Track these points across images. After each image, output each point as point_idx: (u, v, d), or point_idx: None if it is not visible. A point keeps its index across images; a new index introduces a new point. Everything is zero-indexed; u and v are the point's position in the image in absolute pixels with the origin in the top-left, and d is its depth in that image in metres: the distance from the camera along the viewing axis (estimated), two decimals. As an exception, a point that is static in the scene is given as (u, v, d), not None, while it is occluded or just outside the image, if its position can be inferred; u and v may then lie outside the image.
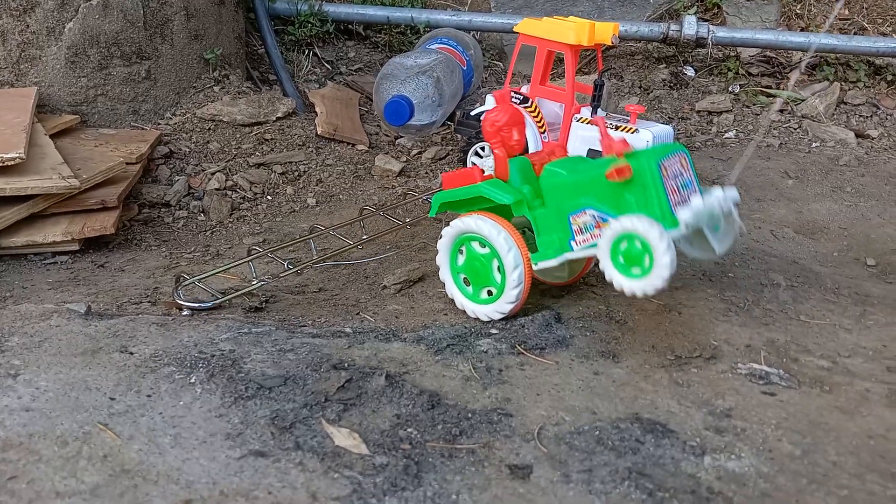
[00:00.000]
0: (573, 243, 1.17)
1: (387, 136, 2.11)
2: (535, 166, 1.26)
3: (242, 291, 1.30)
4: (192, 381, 1.01)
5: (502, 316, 1.22)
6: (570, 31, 1.71)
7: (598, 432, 0.95)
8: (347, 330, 1.20)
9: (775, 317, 1.28)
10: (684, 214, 1.06)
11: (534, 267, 1.20)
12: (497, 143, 1.23)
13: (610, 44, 1.78)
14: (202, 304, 1.24)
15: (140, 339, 1.11)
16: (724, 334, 1.21)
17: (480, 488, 0.84)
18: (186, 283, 1.28)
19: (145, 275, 1.44)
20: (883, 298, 1.39)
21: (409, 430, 0.93)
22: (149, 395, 0.97)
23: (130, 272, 1.46)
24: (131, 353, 1.07)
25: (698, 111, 2.33)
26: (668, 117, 2.32)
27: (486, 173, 1.26)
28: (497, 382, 1.05)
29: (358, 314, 1.28)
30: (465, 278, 1.25)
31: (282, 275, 1.37)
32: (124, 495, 0.80)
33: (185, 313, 1.23)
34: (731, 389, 1.06)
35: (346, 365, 1.07)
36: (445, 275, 1.27)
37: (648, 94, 2.40)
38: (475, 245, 1.23)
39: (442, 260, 1.27)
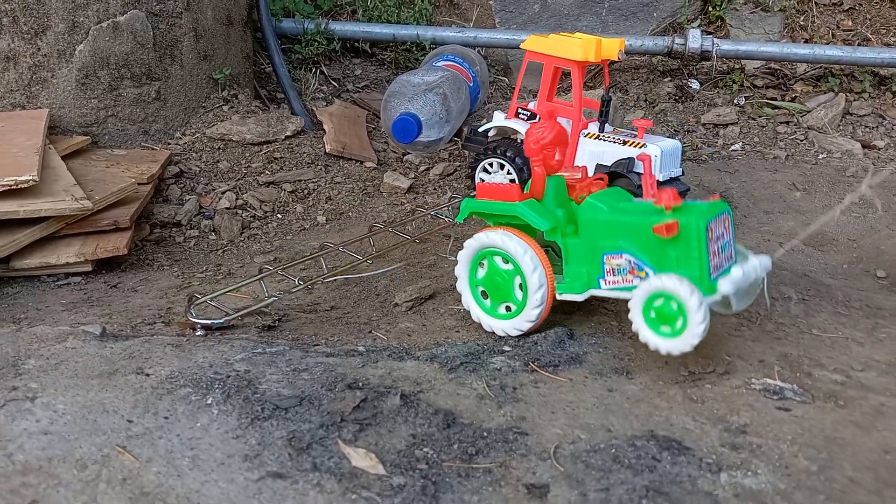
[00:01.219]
0: (602, 282, 1.17)
1: (395, 152, 2.12)
2: (571, 190, 1.26)
3: (253, 308, 1.30)
4: (209, 402, 1.01)
5: (519, 333, 1.22)
6: (576, 47, 1.72)
7: (614, 450, 0.95)
8: (360, 349, 1.21)
9: (787, 331, 1.28)
10: (725, 287, 1.07)
11: (557, 296, 1.19)
12: (538, 161, 1.23)
13: (616, 59, 1.80)
14: (214, 322, 1.25)
15: (156, 361, 1.12)
16: (736, 349, 1.21)
17: (498, 509, 0.84)
18: (199, 302, 1.29)
19: (158, 295, 1.45)
20: (894, 310, 1.39)
21: (425, 449, 0.93)
22: (166, 417, 0.98)
23: (143, 292, 1.47)
24: (147, 375, 1.07)
25: (704, 124, 2.34)
26: (674, 130, 2.33)
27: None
28: (511, 401, 1.06)
29: (370, 332, 1.29)
30: (483, 291, 1.25)
31: (293, 290, 1.38)
32: (144, 519, 0.80)
33: (198, 332, 1.24)
34: (745, 405, 1.06)
35: (360, 384, 1.07)
36: (463, 286, 1.26)
37: (654, 107, 2.41)
38: (498, 260, 1.22)
39: (461, 272, 1.26)
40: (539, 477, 0.89)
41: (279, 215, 1.80)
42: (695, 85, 2.47)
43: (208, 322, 1.24)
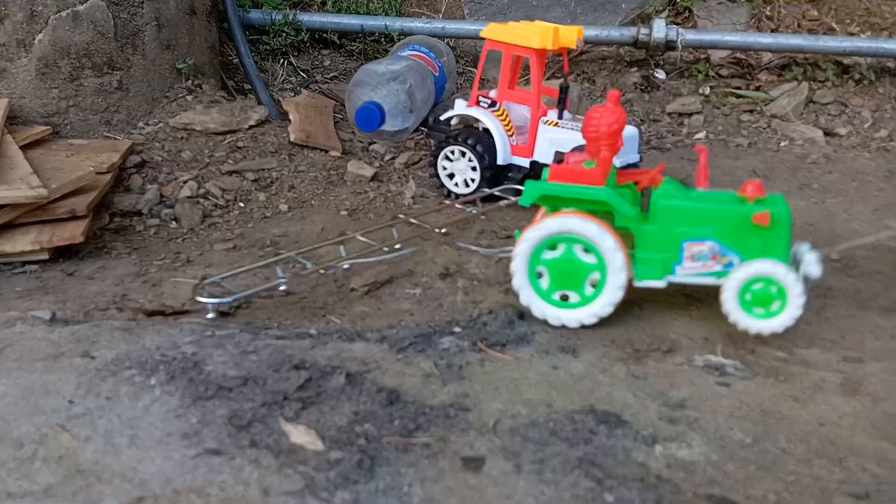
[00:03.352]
0: (678, 268, 1.20)
1: (361, 142, 2.13)
2: (639, 184, 1.28)
3: (262, 287, 1.30)
4: (153, 383, 1.02)
5: (588, 323, 1.20)
6: (534, 35, 1.73)
7: (552, 424, 0.96)
8: (312, 331, 1.21)
9: (735, 310, 1.30)
10: (816, 270, 1.15)
11: (635, 284, 1.20)
12: (608, 146, 1.22)
13: (575, 47, 1.81)
14: (222, 301, 1.24)
15: (103, 344, 1.12)
16: (683, 328, 1.23)
17: (433, 480, 0.85)
18: (210, 280, 1.29)
19: (114, 282, 1.44)
20: (844, 291, 1.42)
21: (366, 426, 0.94)
22: (108, 398, 0.98)
23: (100, 280, 1.46)
24: (93, 358, 1.07)
25: (669, 113, 2.36)
26: (640, 120, 2.35)
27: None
28: (457, 379, 1.07)
29: (324, 316, 1.29)
30: (540, 272, 1.21)
31: (303, 273, 1.37)
32: (77, 494, 0.80)
33: (209, 315, 1.24)
34: (686, 381, 1.08)
35: (307, 365, 1.08)
36: (521, 275, 1.20)
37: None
38: (578, 249, 1.19)
39: (521, 255, 1.20)
40: (476, 450, 0.90)
41: (241, 204, 1.80)
42: (661, 75, 2.49)
43: (215, 301, 1.24)
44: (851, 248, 1.63)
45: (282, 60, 2.45)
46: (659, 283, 1.20)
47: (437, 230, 1.57)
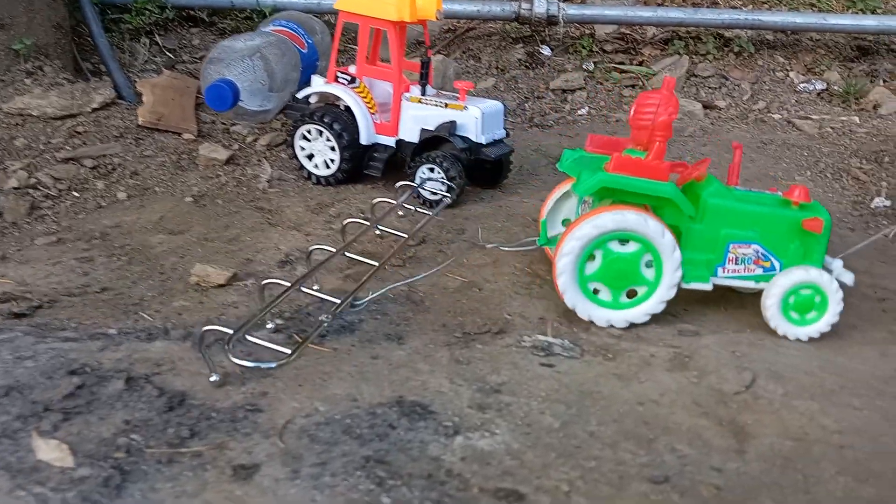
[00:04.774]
0: (721, 270, 1.14)
1: (223, 123, 1.99)
2: (680, 179, 1.20)
3: (313, 334, 1.02)
4: None
5: (647, 318, 1.13)
6: (390, 6, 1.63)
7: (349, 420, 0.88)
8: (112, 331, 1.09)
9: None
10: (849, 277, 1.15)
11: (683, 285, 1.14)
12: (663, 136, 1.14)
13: (435, 18, 1.72)
14: (268, 365, 0.94)
15: None
16: (520, 307, 1.16)
17: (191, 495, 0.75)
18: (233, 338, 0.95)
19: None
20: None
21: (133, 436, 0.83)
22: None
23: None
24: None
25: (553, 89, 2.31)
26: (524, 97, 2.29)
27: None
28: (259, 376, 0.97)
29: (136, 313, 1.17)
30: (596, 289, 1.13)
31: (352, 301, 1.10)
32: None
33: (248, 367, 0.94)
34: (509, 363, 1.01)
35: (87, 369, 0.96)
36: (569, 281, 1.11)
37: (505, 74, 2.37)
38: (613, 245, 1.11)
39: (568, 266, 1.11)
40: (253, 457, 0.81)
41: (76, 193, 1.64)
42: (546, 51, 2.43)
43: (258, 365, 0.95)
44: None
45: (144, 40, 2.27)
46: (706, 286, 1.14)
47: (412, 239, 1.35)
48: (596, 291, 1.13)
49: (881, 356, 1.11)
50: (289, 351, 0.94)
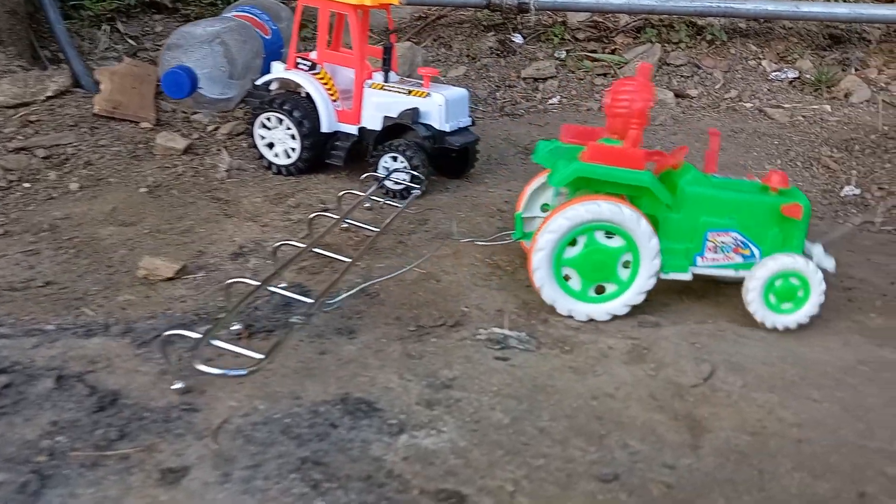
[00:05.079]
0: (700, 259, 1.12)
1: (183, 112, 1.93)
2: (657, 168, 1.17)
3: (286, 337, 0.97)
4: None
5: (626, 311, 1.10)
6: (351, -11, 1.59)
7: (289, 420, 0.84)
8: (49, 327, 1.04)
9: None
10: (830, 263, 1.13)
11: (662, 276, 1.11)
12: (639, 124, 1.11)
13: (398, 3, 1.68)
14: (238, 373, 0.90)
15: None
16: (478, 299, 1.13)
17: (114, 500, 0.71)
18: (201, 343, 0.90)
19: None
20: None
21: (58, 438, 0.79)
22: None
23: None
24: None
25: (524, 78, 2.27)
26: (495, 86, 2.25)
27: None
28: (197, 374, 0.92)
29: (78, 308, 1.12)
30: (567, 275, 1.10)
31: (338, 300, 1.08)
32: None
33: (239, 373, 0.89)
34: (463, 357, 0.98)
35: (17, 368, 0.91)
36: (544, 265, 1.08)
37: (476, 62, 2.32)
38: (600, 235, 1.08)
39: (545, 250, 1.07)
40: (183, 459, 0.77)
41: (26, 184, 1.58)
42: (518, 39, 2.39)
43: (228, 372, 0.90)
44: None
45: (105, 27, 2.20)
46: (685, 276, 1.12)
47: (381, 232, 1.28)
48: (567, 278, 1.10)
49: (844, 346, 1.09)
50: (259, 356, 0.89)
